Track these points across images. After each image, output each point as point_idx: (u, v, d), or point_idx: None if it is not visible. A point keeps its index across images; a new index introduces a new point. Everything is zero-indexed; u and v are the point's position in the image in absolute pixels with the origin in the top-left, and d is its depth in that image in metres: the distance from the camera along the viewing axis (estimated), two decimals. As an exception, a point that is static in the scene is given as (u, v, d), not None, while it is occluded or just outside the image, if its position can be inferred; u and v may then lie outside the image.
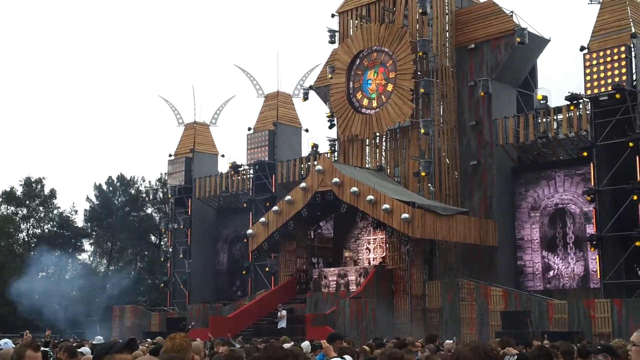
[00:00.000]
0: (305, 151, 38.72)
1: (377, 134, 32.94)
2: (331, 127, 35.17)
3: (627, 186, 25.88)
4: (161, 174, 54.86)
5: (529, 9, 72.24)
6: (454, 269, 29.92)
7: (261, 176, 38.91)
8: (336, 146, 34.91)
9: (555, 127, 29.42)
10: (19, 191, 54.45)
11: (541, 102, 29.76)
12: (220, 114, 43.99)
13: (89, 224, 55.90)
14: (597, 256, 26.85)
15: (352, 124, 33.24)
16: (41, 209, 54.59)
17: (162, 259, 45.57)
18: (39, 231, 54.43)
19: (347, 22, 34.71)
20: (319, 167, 30.25)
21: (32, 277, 50.39)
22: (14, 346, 8.32)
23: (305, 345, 12.66)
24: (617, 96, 26.13)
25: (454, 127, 32.09)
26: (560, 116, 29.33)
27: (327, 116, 35.32)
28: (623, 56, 26.61)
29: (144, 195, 55.59)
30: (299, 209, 30.41)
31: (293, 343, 13.00)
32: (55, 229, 54.09)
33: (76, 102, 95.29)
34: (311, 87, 38.23)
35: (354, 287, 29.22)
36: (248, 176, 40.27)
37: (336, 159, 34.31)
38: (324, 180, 29.75)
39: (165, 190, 45.86)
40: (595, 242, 26.54)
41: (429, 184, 30.79)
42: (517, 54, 31.25)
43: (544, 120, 29.63)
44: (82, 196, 71.71)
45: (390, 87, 32.26)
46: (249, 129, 40.39)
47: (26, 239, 54.44)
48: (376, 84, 32.96)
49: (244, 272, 39.23)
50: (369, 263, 31.37)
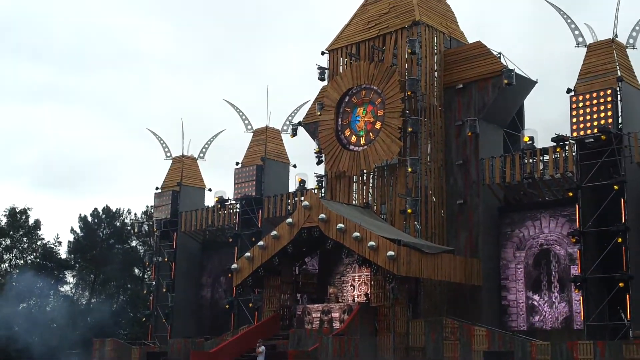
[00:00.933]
0: (293, 187, 38.80)
1: (365, 171, 33.03)
2: (319, 163, 35.29)
3: (612, 228, 25.97)
4: (147, 206, 54.83)
5: (517, 51, 73.16)
6: (439, 308, 29.77)
7: (247, 211, 38.88)
8: (323, 182, 34.97)
9: (541, 168, 29.59)
10: (3, 221, 54.17)
11: (528, 143, 29.99)
12: (208, 148, 44.15)
13: (72, 255, 55.53)
14: (581, 297, 26.81)
15: (340, 160, 33.34)
16: (25, 239, 54.25)
17: (145, 292, 45.19)
18: (22, 262, 53.97)
19: (336, 59, 35.04)
20: (305, 202, 30.24)
21: (12, 308, 49.79)
22: None
23: None
24: (603, 137, 26.36)
25: (441, 165, 32.23)
26: (546, 157, 29.51)
27: (315, 152, 35.47)
28: (609, 99, 26.89)
29: (129, 228, 55.41)
30: (285, 245, 30.32)
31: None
32: (39, 260, 53.65)
33: (63, 133, 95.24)
34: (300, 123, 38.41)
35: (338, 324, 29.01)
36: (234, 210, 40.22)
37: (323, 195, 34.35)
38: (310, 216, 29.73)
39: (151, 223, 45.72)
40: (579, 284, 26.52)
41: (415, 222, 30.80)
42: (504, 95, 31.55)
43: (530, 160, 29.82)
44: (67, 227, 71.40)
45: (378, 125, 32.45)
46: (237, 163, 40.49)
47: (9, 269, 53.93)
48: (364, 121, 33.16)
49: (226, 307, 38.90)
50: (354, 300, 31.18)
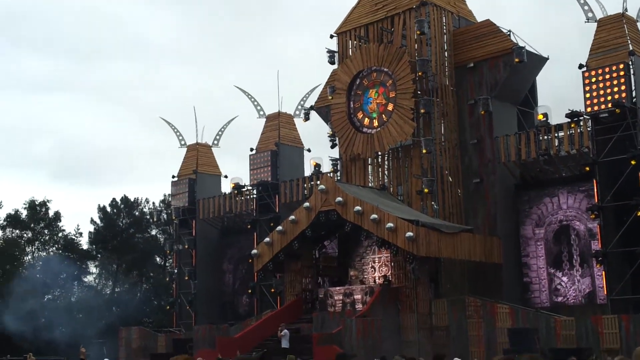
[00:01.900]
0: (308, 171, 38.96)
1: (379, 153, 33.15)
2: (333, 146, 35.40)
3: (631, 202, 26.06)
4: (165, 195, 55.16)
5: (526, 28, 72.65)
6: (460, 287, 30.02)
7: (264, 196, 39.11)
8: (338, 165, 35.12)
9: (556, 145, 29.61)
10: (23, 214, 54.67)
11: (542, 120, 30.00)
12: (222, 135, 44.27)
13: (93, 246, 56.10)
14: (603, 272, 27.00)
15: (354, 143, 33.47)
16: (46, 232, 54.78)
17: (167, 280, 45.73)
18: (44, 254, 54.58)
19: (346, 42, 34.99)
20: (322, 186, 30.42)
21: (38, 300, 50.52)
22: None
23: None
24: (617, 111, 26.36)
25: (455, 145, 32.30)
26: (561, 133, 29.54)
27: (329, 136, 35.57)
28: (622, 73, 26.82)
29: (148, 217, 55.83)
30: (303, 229, 30.54)
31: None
32: (61, 251, 54.23)
33: (78, 124, 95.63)
34: (312, 108, 38.47)
35: (360, 306, 29.31)
36: (251, 196, 40.49)
37: (339, 178, 34.51)
38: (327, 199, 29.91)
39: (169, 211, 46.08)
40: (600, 259, 26.70)
41: (433, 202, 30.97)
42: (516, 73, 31.49)
43: (545, 137, 29.83)
44: (86, 218, 72.14)
45: (390, 107, 32.51)
46: (251, 149, 40.65)
47: (31, 261, 54.57)
48: (376, 103, 33.22)
49: (249, 291, 39.36)
50: (375, 282, 31.50)
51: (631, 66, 26.93)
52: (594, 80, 27.30)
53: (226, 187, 42.81)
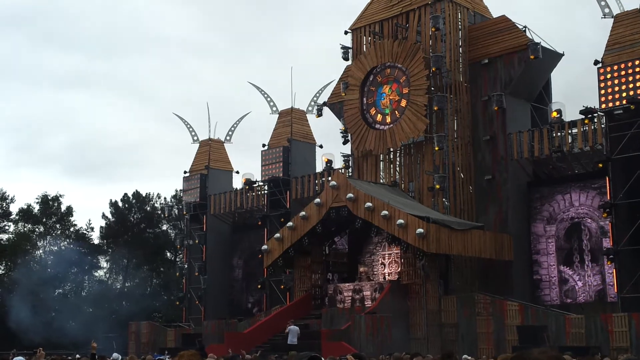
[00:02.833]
0: (320, 167, 38.91)
1: (391, 149, 33.02)
2: (345, 142, 35.33)
3: (644, 200, 25.80)
4: (176, 190, 55.29)
5: (542, 24, 72.24)
6: (470, 284, 29.83)
7: (275, 192, 39.07)
8: (350, 162, 35.02)
9: (570, 141, 29.39)
10: (35, 209, 54.95)
11: (556, 117, 29.76)
12: (234, 131, 44.33)
13: (105, 240, 56.29)
14: (614, 270, 26.72)
15: (366, 139, 33.36)
16: (58, 226, 55.02)
17: (177, 275, 45.77)
18: (56, 248, 54.79)
19: (360, 38, 34.92)
20: (333, 182, 30.32)
21: (49, 294, 50.69)
22: None
23: None
24: (632, 107, 26.09)
25: (468, 142, 32.11)
26: (575, 130, 29.30)
27: (341, 132, 35.50)
28: (637, 70, 26.59)
29: (159, 212, 55.96)
30: (314, 225, 30.45)
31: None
32: (72, 246, 54.42)
33: (93, 119, 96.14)
34: (325, 104, 38.42)
35: (369, 303, 29.18)
36: (262, 192, 40.46)
37: (350, 174, 34.40)
38: (338, 195, 29.81)
39: (181, 206, 46.11)
40: (612, 256, 26.43)
41: (444, 199, 30.79)
42: (530, 69, 31.28)
43: (559, 134, 29.61)
44: (98, 213, 72.41)
45: (403, 103, 32.39)
46: (264, 145, 40.65)
47: (43, 255, 54.80)
48: (389, 99, 33.10)
49: (258, 287, 39.30)
50: (384, 278, 31.34)
51: (647, 62, 26.68)
52: (609, 76, 27.08)
53: (238, 183, 42.90)
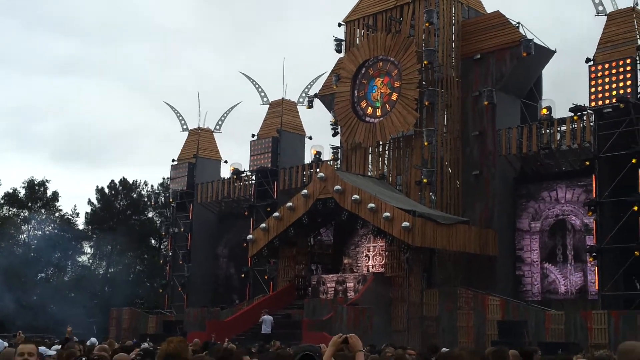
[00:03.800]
0: (308, 158, 38.84)
1: (381, 142, 32.99)
2: (335, 135, 35.30)
3: (629, 198, 25.83)
4: (164, 178, 55.05)
5: (535, 20, 72.46)
6: (453, 278, 29.83)
7: (263, 182, 38.96)
8: (339, 154, 34.97)
9: (558, 139, 29.46)
10: (21, 193, 54.63)
11: (546, 114, 29.81)
12: (224, 121, 44.18)
13: (89, 226, 56.00)
14: (596, 268, 26.77)
15: (356, 132, 33.32)
16: (43, 211, 54.70)
17: (161, 263, 45.58)
18: (40, 233, 54.47)
19: (353, 31, 34.89)
20: (321, 174, 30.30)
21: (31, 278, 50.39)
22: (6, 345, 8.32)
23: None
24: (621, 106, 26.14)
25: (457, 136, 32.12)
26: (563, 127, 29.38)
27: (331, 124, 35.45)
28: (629, 68, 26.66)
29: (145, 199, 55.72)
30: (300, 216, 30.43)
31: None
32: (56, 231, 54.11)
33: (83, 105, 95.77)
34: (316, 95, 38.37)
35: (352, 294, 29.18)
36: (250, 182, 40.34)
37: (339, 166, 34.34)
38: (325, 187, 29.79)
39: (167, 194, 45.94)
40: (594, 254, 26.47)
41: (431, 193, 30.78)
42: (522, 65, 31.34)
43: (548, 131, 29.67)
44: (85, 199, 72.05)
45: (394, 96, 32.36)
46: (253, 135, 40.52)
47: (27, 240, 54.46)
48: (381, 92, 33.07)
49: (242, 276, 39.16)
50: (368, 270, 31.31)
51: (638, 61, 26.77)
52: (599, 74, 27.14)
53: (226, 172, 42.78)
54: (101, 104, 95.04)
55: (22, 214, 54.76)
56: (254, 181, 39.90)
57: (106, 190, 55.88)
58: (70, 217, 54.81)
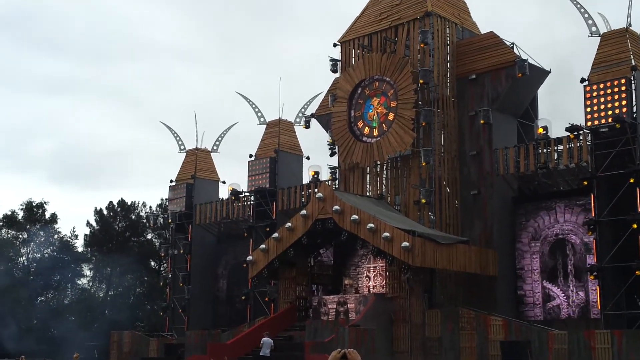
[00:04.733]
0: (306, 178, 38.92)
1: (378, 162, 33.10)
2: (332, 155, 35.40)
3: (628, 217, 25.95)
4: (162, 199, 55.12)
5: (530, 41, 72.80)
6: (454, 298, 29.87)
7: (262, 203, 39.01)
8: (337, 174, 35.08)
9: (555, 158, 29.59)
10: (20, 215, 54.60)
11: (542, 133, 29.97)
12: (222, 141, 44.28)
13: (88, 248, 55.96)
14: (598, 287, 26.85)
15: (353, 152, 33.44)
16: (41, 233, 54.67)
17: (161, 285, 45.55)
18: (39, 255, 54.42)
19: (349, 51, 35.06)
20: (319, 194, 30.33)
21: (30, 301, 50.32)
22: None
23: None
24: (617, 126, 26.30)
25: (454, 156, 32.27)
26: (560, 147, 29.52)
27: (328, 144, 35.55)
28: (623, 89, 26.80)
29: (144, 221, 55.73)
30: (299, 236, 30.41)
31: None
32: (55, 253, 54.08)
33: (80, 125, 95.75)
34: (313, 115, 38.48)
35: (354, 315, 29.15)
36: (249, 203, 40.39)
37: (337, 186, 34.45)
38: (324, 207, 29.81)
39: (166, 215, 45.96)
40: (595, 273, 26.56)
41: (430, 213, 30.88)
42: (517, 85, 31.51)
43: (545, 150, 29.80)
44: (83, 220, 72.10)
45: (391, 116, 32.51)
46: (250, 155, 40.61)
47: (26, 263, 54.41)
48: (377, 112, 33.22)
49: (243, 299, 39.16)
50: (369, 291, 31.33)
51: (633, 81, 26.89)
52: (595, 94, 27.29)
53: (224, 192, 42.83)
54: (97, 123, 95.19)
55: (20, 236, 54.71)
56: (252, 202, 39.95)
57: (105, 212, 55.94)
58: (69, 239, 54.84)
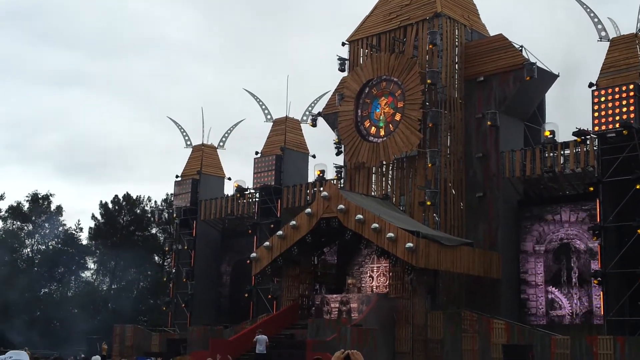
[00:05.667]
0: (312, 177, 38.88)
1: (384, 162, 33.06)
2: (338, 154, 35.36)
3: (633, 223, 25.86)
4: (167, 194, 55.17)
5: (538, 44, 72.67)
6: (457, 300, 29.84)
7: (267, 200, 39.04)
8: (343, 173, 35.05)
9: (562, 162, 29.50)
10: (25, 206, 54.72)
11: (549, 137, 29.89)
12: (228, 137, 44.29)
13: (93, 241, 56.07)
14: (601, 292, 26.77)
15: (359, 151, 33.41)
16: (46, 225, 54.79)
17: (164, 280, 45.63)
18: (44, 247, 54.55)
19: (357, 50, 35.01)
20: (324, 193, 30.31)
21: (34, 293, 50.45)
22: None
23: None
24: (625, 132, 26.21)
25: (460, 158, 32.21)
26: (567, 151, 29.42)
27: (335, 143, 35.52)
28: (632, 94, 26.66)
29: (149, 215, 55.82)
30: (304, 235, 30.40)
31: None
32: (60, 245, 54.19)
33: (87, 119, 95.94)
34: (320, 114, 38.46)
35: (356, 315, 29.12)
36: (254, 200, 40.42)
37: (342, 185, 34.42)
38: (329, 206, 29.79)
39: (171, 211, 46.05)
40: (599, 278, 26.48)
41: (434, 214, 30.84)
42: (525, 88, 31.43)
43: (551, 154, 29.72)
44: (88, 214, 72.35)
45: (398, 117, 32.47)
46: (257, 153, 40.60)
47: (30, 254, 54.55)
48: (384, 112, 33.18)
49: (246, 296, 39.20)
50: (372, 291, 31.31)
51: (641, 87, 26.77)
52: (603, 99, 27.18)
53: (229, 189, 42.87)
54: (104, 117, 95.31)
55: (25, 227, 54.84)
56: (257, 199, 39.98)
57: (110, 206, 56.05)
58: (74, 232, 54.98)
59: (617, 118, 26.81)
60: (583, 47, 67.01)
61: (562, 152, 29.60)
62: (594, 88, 27.69)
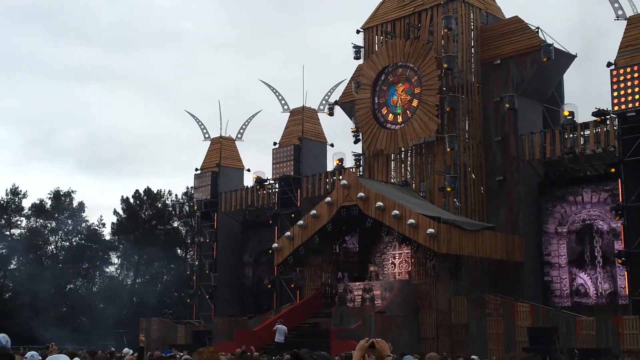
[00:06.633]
0: (330, 166, 38.95)
1: (402, 149, 33.03)
2: (356, 142, 35.38)
3: (656, 202, 25.73)
4: (187, 187, 55.45)
5: (555, 25, 72.00)
6: (480, 285, 29.80)
7: (286, 190, 39.15)
8: (361, 161, 35.08)
9: (582, 143, 29.32)
10: (48, 204, 55.23)
11: (568, 117, 29.71)
12: (246, 129, 44.42)
13: (116, 237, 56.54)
14: (626, 272, 26.66)
15: (377, 139, 33.39)
16: (69, 222, 55.28)
17: (188, 273, 45.98)
18: (67, 244, 55.07)
19: (372, 38, 34.93)
20: (344, 181, 30.38)
21: (60, 290, 50.99)
22: (40, 359, 8.49)
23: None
24: (645, 111, 26.05)
25: (479, 142, 32.11)
26: (587, 132, 29.23)
27: (352, 131, 35.53)
28: (651, 72, 26.51)
29: (170, 209, 56.17)
30: (324, 224, 30.51)
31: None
32: (83, 241, 54.70)
33: (107, 114, 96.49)
34: (336, 102, 38.44)
35: (379, 302, 29.22)
36: (273, 190, 40.56)
37: (361, 173, 34.45)
38: (349, 194, 29.86)
39: (192, 204, 46.30)
40: (623, 258, 26.37)
41: (455, 199, 30.79)
42: (543, 70, 31.23)
43: (571, 135, 29.55)
44: (110, 209, 72.80)
45: (415, 103, 32.40)
46: (275, 143, 40.69)
47: (54, 251, 55.11)
48: (401, 99, 33.11)
49: (269, 286, 39.41)
50: (394, 278, 31.37)
51: (660, 65, 26.53)
52: (622, 78, 26.96)
53: (249, 180, 43.03)
54: (123, 112, 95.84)
55: (49, 225, 55.37)
56: (277, 189, 40.12)
57: (131, 200, 56.45)
58: (96, 228, 55.44)
59: (637, 97, 26.59)
60: (601, 26, 66.31)
61: (582, 133, 29.42)
62: (612, 67, 27.48)
